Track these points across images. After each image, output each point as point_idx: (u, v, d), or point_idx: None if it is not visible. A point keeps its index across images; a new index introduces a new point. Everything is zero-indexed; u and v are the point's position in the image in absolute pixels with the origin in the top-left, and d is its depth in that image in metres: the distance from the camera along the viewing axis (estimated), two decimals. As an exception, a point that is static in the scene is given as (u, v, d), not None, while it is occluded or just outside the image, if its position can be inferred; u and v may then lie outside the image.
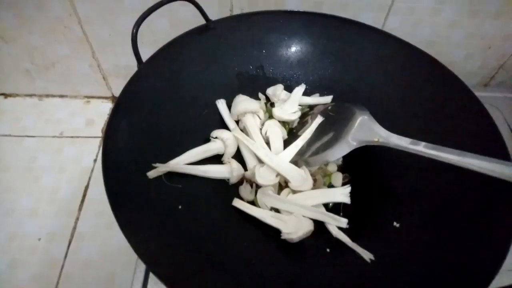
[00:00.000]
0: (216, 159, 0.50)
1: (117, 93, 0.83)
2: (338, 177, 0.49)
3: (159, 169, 0.43)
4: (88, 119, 0.80)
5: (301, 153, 0.49)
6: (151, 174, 0.43)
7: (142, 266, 0.46)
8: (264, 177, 0.47)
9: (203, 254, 0.40)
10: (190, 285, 0.36)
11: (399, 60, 0.54)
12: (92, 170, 0.73)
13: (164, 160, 0.45)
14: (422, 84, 0.51)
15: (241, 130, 0.52)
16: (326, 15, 0.57)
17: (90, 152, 0.75)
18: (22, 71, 0.78)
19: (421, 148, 0.41)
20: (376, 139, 0.44)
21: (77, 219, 0.66)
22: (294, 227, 0.42)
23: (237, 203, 0.46)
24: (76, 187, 0.70)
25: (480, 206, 0.39)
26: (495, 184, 0.36)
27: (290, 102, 0.55)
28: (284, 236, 0.42)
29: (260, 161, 0.49)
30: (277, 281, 0.39)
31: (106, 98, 0.84)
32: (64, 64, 0.76)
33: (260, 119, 0.53)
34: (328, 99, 0.56)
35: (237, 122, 0.53)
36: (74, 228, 0.65)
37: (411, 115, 0.50)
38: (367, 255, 0.40)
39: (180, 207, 0.43)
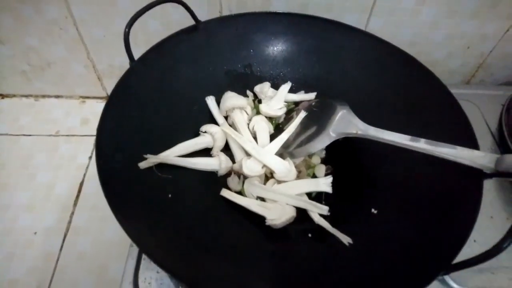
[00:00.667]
0: (205, 152, 0.52)
1: (111, 93, 0.86)
2: (321, 169, 0.52)
3: (149, 160, 0.46)
4: (83, 118, 0.83)
5: (286, 146, 0.51)
6: (142, 165, 0.45)
7: (134, 254, 0.48)
8: (251, 168, 0.49)
9: (192, 239, 0.42)
10: (180, 267, 0.38)
11: (378, 58, 0.56)
12: (87, 167, 0.75)
13: (155, 153, 0.47)
14: (400, 81, 0.54)
15: (230, 125, 0.55)
16: (311, 16, 0.60)
17: (85, 150, 0.78)
18: (18, 72, 0.80)
19: (395, 138, 0.44)
20: (355, 131, 0.47)
21: (72, 213, 0.68)
22: (277, 214, 0.45)
23: (225, 192, 0.48)
24: (71, 183, 0.72)
25: (449, 191, 0.42)
26: (461, 170, 0.39)
27: (276, 99, 0.57)
28: (268, 222, 0.44)
29: (247, 154, 0.51)
30: (261, 263, 0.42)
31: (100, 98, 0.86)
32: (59, 65, 0.78)
33: (247, 114, 0.56)
34: (312, 95, 0.59)
35: (226, 117, 0.56)
36: (69, 222, 0.67)
37: (389, 109, 0.53)
38: (346, 239, 0.43)
39: (170, 196, 0.45)
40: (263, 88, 0.58)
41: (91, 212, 0.68)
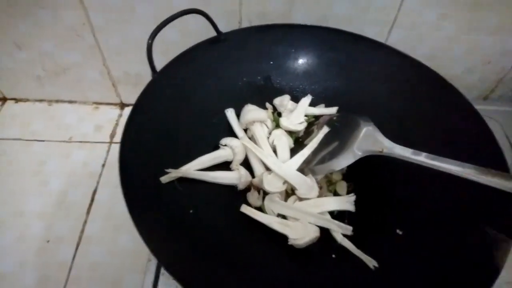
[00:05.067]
0: (225, 165, 0.51)
1: (125, 99, 0.85)
2: (343, 186, 0.51)
3: (171, 175, 0.45)
4: (96, 124, 0.82)
5: (307, 161, 0.50)
6: (164, 179, 0.45)
7: (152, 268, 0.47)
8: (272, 184, 0.48)
9: (212, 255, 0.41)
10: (198, 283, 0.37)
11: (402, 73, 0.56)
12: (100, 175, 0.74)
13: (176, 166, 0.46)
14: (424, 96, 0.53)
15: (249, 138, 0.54)
16: (331, 29, 0.59)
17: (99, 157, 0.77)
18: (33, 77, 0.80)
19: (423, 158, 0.43)
20: (380, 149, 0.46)
21: (85, 222, 0.67)
22: (300, 233, 0.44)
23: (245, 209, 0.47)
24: (84, 191, 0.72)
25: (480, 213, 0.41)
26: (492, 192, 0.38)
27: (296, 113, 0.56)
28: (291, 241, 0.43)
29: (267, 169, 0.50)
30: (283, 283, 0.41)
31: (114, 104, 0.85)
32: (74, 70, 0.78)
33: (267, 128, 0.55)
34: (333, 110, 0.58)
35: (245, 130, 0.55)
36: (82, 231, 0.66)
37: (413, 126, 0.52)
38: (371, 262, 0.42)
39: (191, 211, 0.44)
40: (283, 101, 0.58)
41: (105, 221, 0.67)
